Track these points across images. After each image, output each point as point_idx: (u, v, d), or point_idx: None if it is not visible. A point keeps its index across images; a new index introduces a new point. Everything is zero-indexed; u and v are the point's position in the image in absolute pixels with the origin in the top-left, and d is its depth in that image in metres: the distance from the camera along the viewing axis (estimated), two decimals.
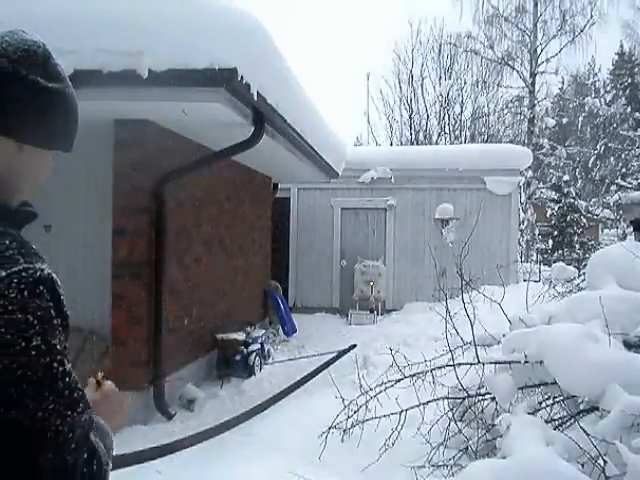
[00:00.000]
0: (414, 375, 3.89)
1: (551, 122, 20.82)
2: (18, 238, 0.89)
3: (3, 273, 0.81)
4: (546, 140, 21.54)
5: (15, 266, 0.83)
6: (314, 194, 11.27)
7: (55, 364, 0.82)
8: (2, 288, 0.80)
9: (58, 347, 0.83)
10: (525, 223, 19.27)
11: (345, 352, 1.73)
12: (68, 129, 1.08)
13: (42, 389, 0.80)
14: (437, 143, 22.61)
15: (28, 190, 1.04)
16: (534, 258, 18.45)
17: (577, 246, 18.14)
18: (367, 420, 3.86)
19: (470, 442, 3.38)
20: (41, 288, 0.84)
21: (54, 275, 0.88)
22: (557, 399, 3.19)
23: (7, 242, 0.86)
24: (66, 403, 0.82)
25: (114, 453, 1.00)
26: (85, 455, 0.83)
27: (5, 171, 0.97)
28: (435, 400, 3.78)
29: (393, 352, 4.12)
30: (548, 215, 20.65)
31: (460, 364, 3.79)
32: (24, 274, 0.83)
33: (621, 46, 30.37)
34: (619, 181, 22.74)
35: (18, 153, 0.99)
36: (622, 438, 2.37)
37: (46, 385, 0.80)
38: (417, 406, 3.74)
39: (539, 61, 21.50)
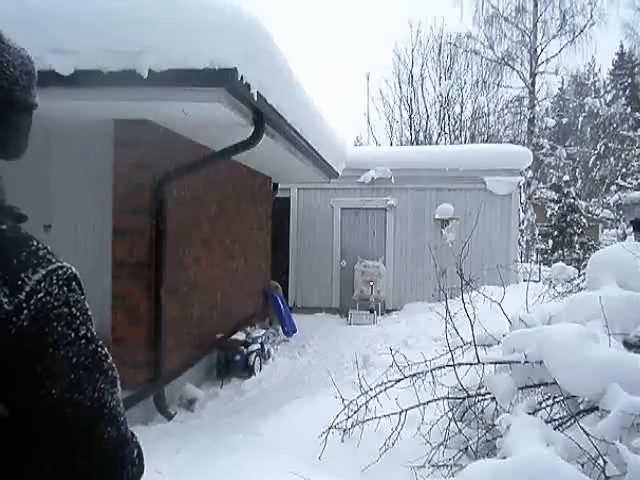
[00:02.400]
0: (414, 375, 3.89)
1: (551, 122, 20.81)
2: (38, 239, 0.93)
3: (43, 272, 0.87)
4: (546, 140, 21.54)
5: (50, 265, 0.89)
6: (314, 194, 11.26)
7: (99, 349, 0.91)
8: (46, 286, 0.87)
9: (95, 334, 0.92)
10: (525, 223, 19.28)
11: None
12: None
13: (93, 372, 0.89)
14: (437, 143, 22.60)
15: None
16: (534, 258, 18.45)
17: (577, 246, 18.14)
18: (367, 420, 3.86)
19: (470, 442, 3.38)
20: (74, 284, 0.92)
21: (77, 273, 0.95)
22: (557, 399, 3.19)
23: (36, 243, 0.91)
24: (111, 381, 0.92)
25: None
26: (128, 425, 0.94)
27: None
28: (435, 400, 3.78)
29: (393, 352, 4.12)
30: (548, 215, 20.65)
31: (460, 364, 3.79)
32: (60, 272, 0.90)
33: (621, 46, 30.41)
34: (619, 181, 22.74)
35: None
36: (622, 438, 2.37)
37: (96, 368, 0.90)
38: (417, 406, 3.74)
39: (539, 61, 21.48)
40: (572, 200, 19.34)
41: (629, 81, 27.59)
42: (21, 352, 0.83)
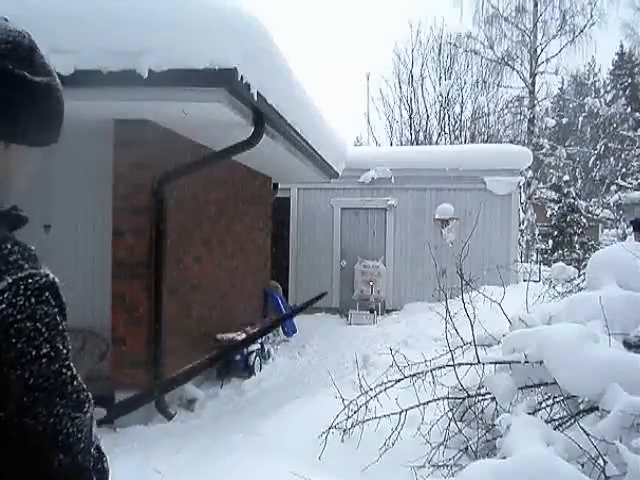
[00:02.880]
0: (414, 375, 3.89)
1: (551, 122, 20.82)
2: (20, 242, 0.86)
3: (9, 280, 0.80)
4: (546, 140, 21.54)
5: (20, 272, 0.82)
6: (314, 194, 11.26)
7: (64, 369, 0.83)
8: (9, 296, 0.79)
9: (64, 352, 0.84)
10: (525, 223, 19.28)
11: (316, 299, 1.78)
12: (56, 123, 1.03)
13: (53, 395, 0.82)
14: (437, 143, 22.60)
15: (16, 190, 1.00)
16: (534, 258, 18.45)
17: (577, 246, 18.13)
18: (367, 420, 3.86)
19: (470, 442, 3.38)
20: (47, 294, 0.83)
21: (57, 279, 0.87)
22: (557, 399, 3.19)
23: (9, 246, 0.84)
24: (74, 405, 0.84)
25: None
26: (93, 452, 0.86)
27: None
28: (435, 400, 3.78)
29: (393, 352, 4.12)
30: (548, 215, 20.65)
31: (460, 364, 3.79)
32: (30, 280, 0.82)
33: (621, 46, 30.39)
34: (619, 181, 22.74)
35: (4, 153, 0.94)
36: (622, 438, 2.37)
37: (57, 391, 0.82)
38: (417, 406, 3.74)
39: (539, 61, 21.49)
40: (572, 200, 19.33)
41: (629, 81, 27.58)
42: None
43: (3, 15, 1.02)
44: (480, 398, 3.54)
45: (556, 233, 19.43)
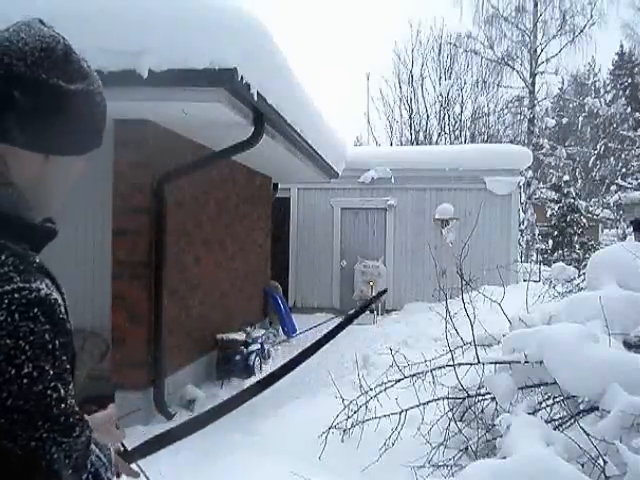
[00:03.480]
0: (414, 375, 3.89)
1: (551, 122, 20.82)
2: (19, 254, 0.82)
3: None
4: (546, 140, 21.54)
5: (8, 285, 0.77)
6: (314, 194, 11.26)
7: (49, 391, 0.77)
8: None
9: (51, 372, 0.78)
10: (525, 223, 19.28)
11: (377, 298, 1.66)
12: (97, 128, 0.99)
13: (35, 418, 0.76)
14: (437, 143, 22.62)
15: (57, 200, 0.99)
16: (534, 258, 18.44)
17: (577, 246, 18.14)
18: (367, 420, 3.86)
19: (470, 442, 3.38)
20: (35, 311, 0.77)
21: (54, 295, 0.82)
22: (557, 399, 3.19)
23: (3, 257, 0.79)
24: (61, 429, 0.78)
25: None
26: (84, 477, 0.82)
27: (32, 186, 0.92)
28: (435, 400, 3.78)
29: (393, 352, 4.12)
30: (548, 215, 20.66)
31: (460, 364, 3.79)
32: (16, 295, 0.76)
33: (621, 46, 30.37)
34: (619, 181, 22.75)
35: (44, 165, 0.92)
36: (622, 438, 2.37)
37: (39, 414, 0.77)
38: (417, 406, 3.74)
39: (539, 61, 21.48)
40: (572, 200, 19.34)
41: (629, 81, 27.58)
42: None
43: (5, 14, 1.02)
44: (480, 398, 3.54)
45: (556, 233, 19.44)
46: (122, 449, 1.17)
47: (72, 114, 0.92)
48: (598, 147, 23.30)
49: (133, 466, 1.18)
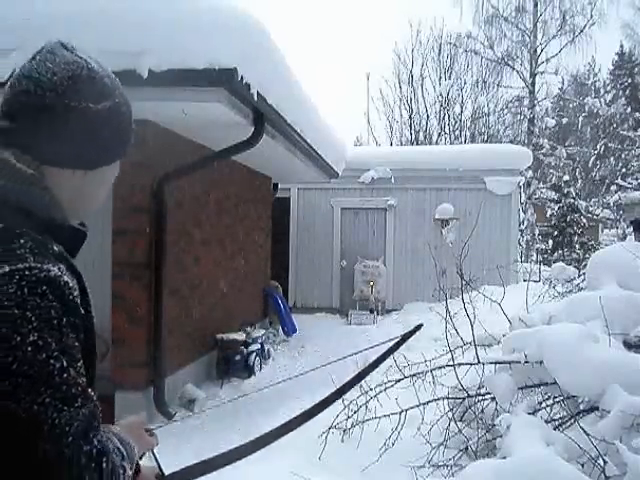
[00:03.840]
0: (414, 375, 3.89)
1: (551, 122, 20.82)
2: (37, 239, 0.89)
3: (6, 269, 0.83)
4: (546, 140, 21.54)
5: (21, 264, 0.84)
6: (314, 194, 11.27)
7: (52, 361, 0.82)
8: (1, 283, 0.82)
9: (55, 345, 0.83)
10: (525, 223, 19.28)
11: (412, 333, 1.56)
12: (126, 136, 1.10)
13: (38, 384, 0.81)
14: (437, 143, 22.62)
15: (95, 206, 1.12)
16: (534, 258, 18.44)
17: (577, 246, 18.14)
18: (367, 420, 3.86)
19: (470, 442, 3.38)
20: (44, 288, 0.84)
21: (65, 278, 0.88)
22: (557, 399, 3.19)
23: (22, 241, 0.87)
24: (62, 398, 0.82)
25: None
26: (86, 448, 0.83)
27: (71, 197, 1.02)
28: (435, 400, 3.78)
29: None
30: (548, 215, 20.66)
31: (460, 364, 3.79)
32: (27, 272, 0.83)
33: (621, 46, 30.38)
34: (619, 181, 22.75)
35: (81, 179, 1.03)
36: (622, 438, 2.37)
37: (41, 380, 0.81)
38: (417, 406, 3.74)
39: (539, 61, 21.49)
40: (572, 200, 19.34)
41: (629, 81, 27.58)
42: None
43: (6, 16, 1.05)
44: (480, 398, 3.54)
45: (556, 233, 19.44)
46: (159, 473, 1.24)
47: (102, 130, 1.03)
48: (598, 147, 23.29)
49: None
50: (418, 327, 1.60)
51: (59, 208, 0.99)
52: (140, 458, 1.19)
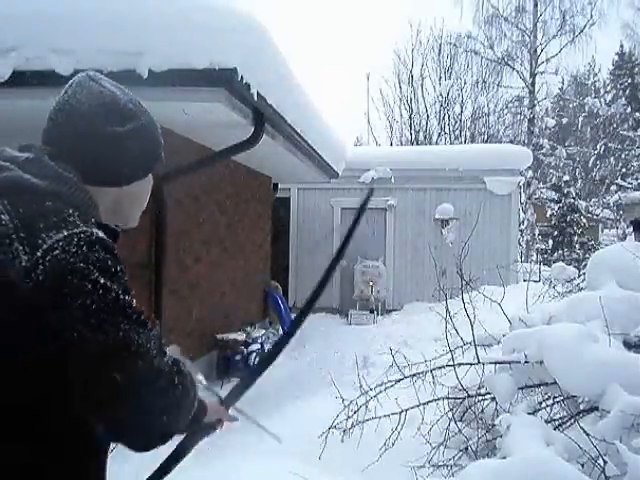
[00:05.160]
0: (414, 375, 3.89)
1: (551, 122, 20.82)
2: (84, 213, 1.05)
3: (65, 233, 0.98)
4: (546, 140, 21.54)
5: (76, 229, 1.00)
6: (314, 194, 11.26)
7: (120, 296, 1.00)
8: (64, 245, 0.97)
9: (116, 287, 1.00)
10: (525, 223, 19.28)
11: (366, 201, 1.49)
12: (154, 154, 1.26)
13: (116, 316, 0.98)
14: (437, 143, 22.62)
15: (136, 214, 1.32)
16: (534, 258, 18.44)
17: (577, 246, 18.14)
18: (367, 420, 3.86)
19: (470, 442, 3.38)
20: (97, 246, 1.00)
21: (110, 241, 1.07)
22: (557, 399, 3.19)
23: (71, 211, 1.02)
24: (137, 323, 1.02)
25: None
26: (166, 359, 1.06)
27: (105, 209, 1.18)
28: (435, 400, 3.78)
29: (393, 352, 4.12)
30: (548, 215, 20.67)
31: (460, 364, 3.79)
32: (82, 235, 0.99)
33: (621, 46, 30.35)
34: (619, 181, 22.76)
35: (119, 193, 1.20)
36: (622, 438, 2.36)
37: (118, 312, 0.99)
38: (417, 406, 3.74)
39: (539, 61, 21.49)
40: (572, 200, 19.36)
41: (629, 81, 27.56)
42: (38, 304, 0.94)
43: (5, 16, 1.10)
44: (480, 398, 3.54)
45: (556, 233, 19.45)
46: (221, 398, 1.49)
47: (130, 149, 1.18)
48: (598, 147, 23.30)
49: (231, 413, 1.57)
50: (370, 191, 1.68)
51: (96, 208, 1.14)
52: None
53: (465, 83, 23.34)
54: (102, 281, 0.98)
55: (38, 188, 1.03)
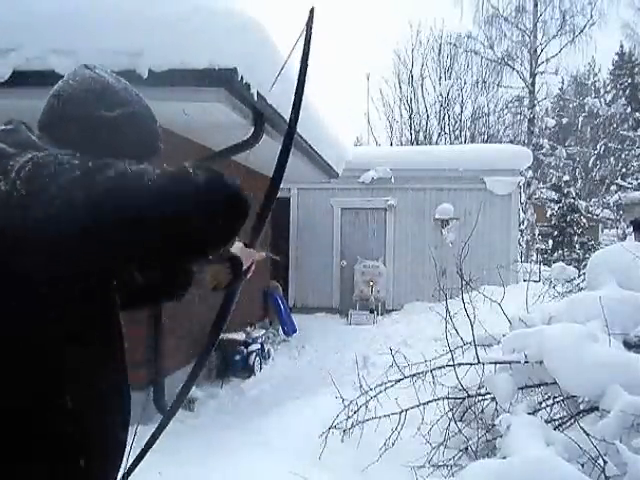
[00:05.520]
0: (414, 375, 3.89)
1: (551, 122, 20.82)
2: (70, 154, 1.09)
3: (30, 155, 1.03)
4: (546, 140, 21.54)
5: (42, 152, 1.05)
6: (314, 194, 11.26)
7: (101, 162, 1.03)
8: (33, 158, 1.02)
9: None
10: (525, 223, 19.27)
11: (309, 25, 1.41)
12: (147, 142, 1.31)
13: (103, 170, 1.01)
14: (437, 143, 22.61)
15: None
16: (534, 258, 18.44)
17: (577, 246, 18.13)
18: (367, 420, 3.86)
19: (470, 442, 3.38)
20: (59, 155, 1.05)
21: None
22: (557, 399, 3.19)
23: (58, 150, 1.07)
24: (128, 166, 1.05)
25: None
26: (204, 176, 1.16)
27: None
28: (435, 400, 3.78)
29: (393, 352, 4.12)
30: (548, 215, 20.65)
31: (460, 364, 3.79)
32: (47, 152, 1.05)
33: (621, 46, 30.34)
34: (619, 181, 22.76)
35: None
36: (622, 438, 2.37)
37: (105, 166, 1.02)
38: (417, 406, 3.74)
39: (539, 61, 21.47)
40: (572, 200, 19.34)
41: (629, 81, 27.55)
42: (23, 203, 0.96)
43: (4, 16, 1.14)
44: (480, 398, 3.54)
45: (556, 233, 19.44)
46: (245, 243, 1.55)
47: (122, 135, 1.21)
48: (598, 147, 23.30)
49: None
50: (311, 12, 1.70)
51: None
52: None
53: (465, 83, 23.36)
54: (77, 161, 1.00)
55: (5, 152, 1.06)
